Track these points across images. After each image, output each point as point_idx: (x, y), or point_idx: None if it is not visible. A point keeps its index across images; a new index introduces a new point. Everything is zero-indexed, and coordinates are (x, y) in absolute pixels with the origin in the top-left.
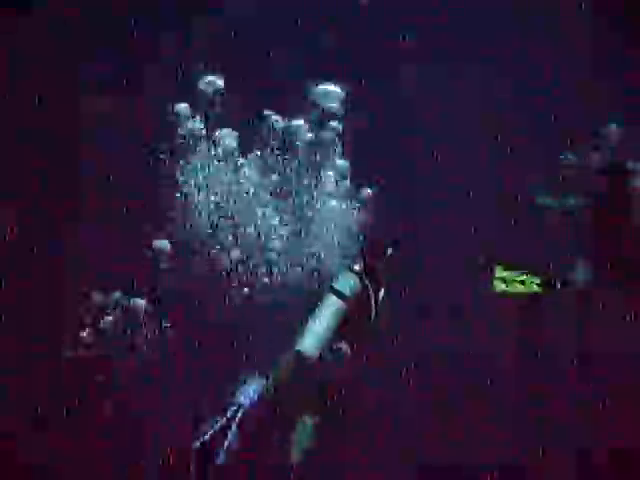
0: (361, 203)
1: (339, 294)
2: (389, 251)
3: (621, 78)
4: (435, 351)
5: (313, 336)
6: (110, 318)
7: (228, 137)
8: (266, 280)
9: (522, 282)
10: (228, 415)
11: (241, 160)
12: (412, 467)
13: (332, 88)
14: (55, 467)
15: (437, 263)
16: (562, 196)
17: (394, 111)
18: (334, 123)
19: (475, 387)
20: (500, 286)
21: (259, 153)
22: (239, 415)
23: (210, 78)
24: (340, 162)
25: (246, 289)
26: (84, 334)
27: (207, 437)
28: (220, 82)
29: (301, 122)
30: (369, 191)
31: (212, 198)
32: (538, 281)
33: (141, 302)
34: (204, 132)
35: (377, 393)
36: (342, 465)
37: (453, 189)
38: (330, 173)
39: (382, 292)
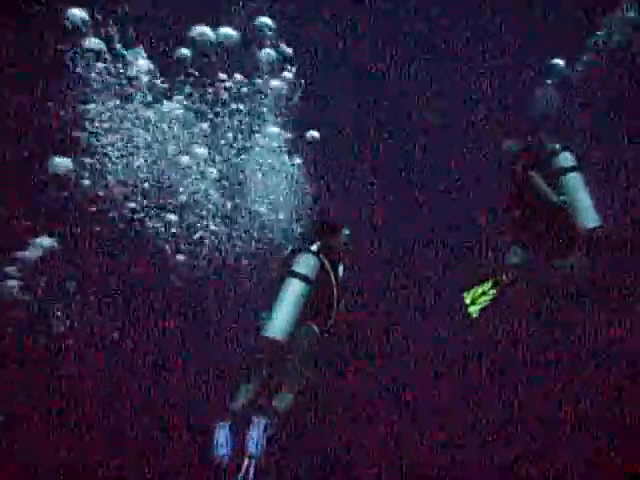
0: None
1: (300, 276)
2: (344, 228)
3: None
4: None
5: (280, 320)
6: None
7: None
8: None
9: (483, 292)
10: (244, 469)
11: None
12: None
13: None
14: None
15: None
16: None
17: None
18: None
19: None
20: (473, 308)
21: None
22: (254, 463)
23: None
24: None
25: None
26: None
27: None
28: None
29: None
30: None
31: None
32: (490, 284)
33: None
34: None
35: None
36: None
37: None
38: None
39: (341, 268)
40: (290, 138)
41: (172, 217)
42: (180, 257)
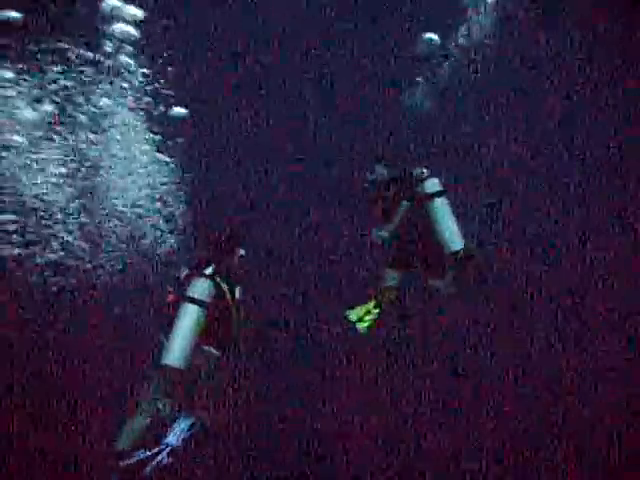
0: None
1: (195, 301)
2: (239, 249)
3: None
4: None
5: (178, 347)
6: None
7: None
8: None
9: (368, 311)
10: (158, 450)
11: None
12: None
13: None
14: None
15: None
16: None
17: None
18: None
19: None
20: (362, 325)
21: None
22: (167, 450)
23: None
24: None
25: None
26: None
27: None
28: None
29: None
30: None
31: None
32: (373, 304)
33: None
34: None
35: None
36: None
37: None
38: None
39: (238, 290)
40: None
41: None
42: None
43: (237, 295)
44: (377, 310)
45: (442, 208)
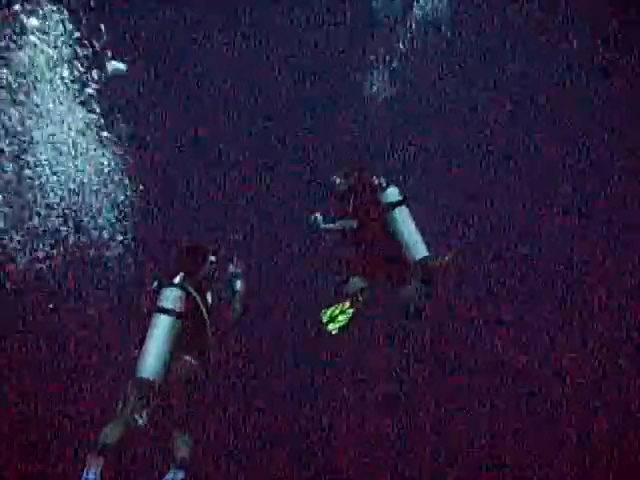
0: None
1: (166, 311)
2: (209, 256)
3: None
4: None
5: (151, 359)
6: None
7: None
8: None
9: (341, 311)
10: None
11: None
12: None
13: None
14: None
15: None
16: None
17: None
18: None
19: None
20: (333, 326)
21: None
22: None
23: None
24: None
25: None
26: None
27: None
28: None
29: None
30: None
31: None
32: (348, 304)
33: None
34: None
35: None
36: None
37: None
38: None
39: (209, 296)
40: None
41: None
42: None
43: (210, 301)
44: (351, 310)
45: (403, 217)
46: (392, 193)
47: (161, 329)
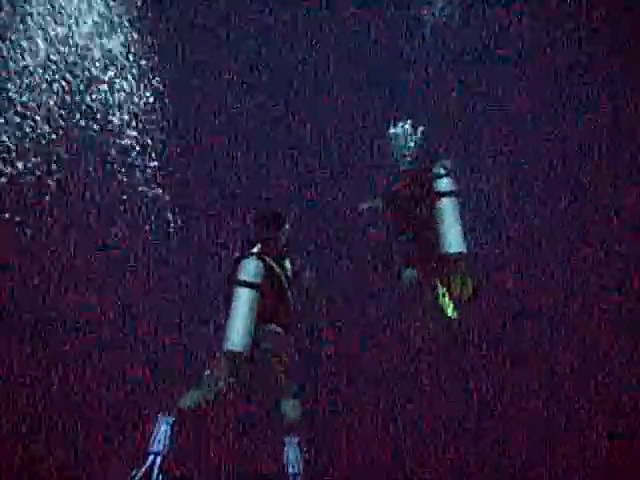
0: None
1: (247, 284)
2: (284, 223)
3: None
4: None
5: (236, 332)
6: None
7: None
8: None
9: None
10: (147, 465)
11: None
12: None
13: None
14: None
15: None
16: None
17: None
18: None
19: None
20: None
21: None
22: (157, 462)
23: None
24: None
25: None
26: None
27: None
28: None
29: None
30: None
31: None
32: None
33: None
34: None
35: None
36: None
37: None
38: None
39: (287, 262)
40: None
41: None
42: None
43: (288, 269)
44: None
45: (448, 208)
46: (446, 183)
47: (243, 302)
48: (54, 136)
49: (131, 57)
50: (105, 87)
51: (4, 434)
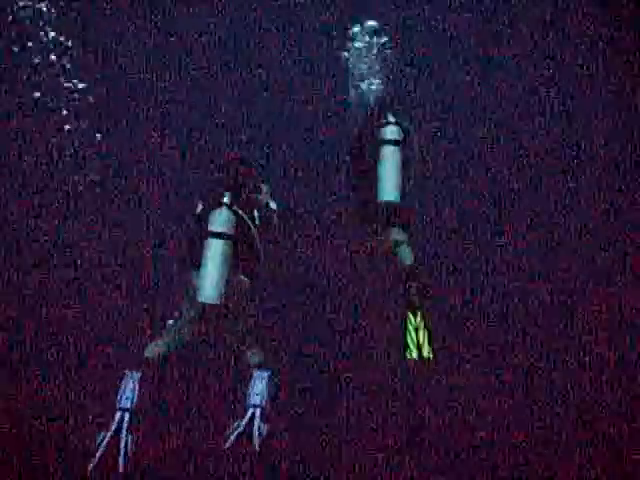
0: None
1: (220, 235)
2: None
3: None
4: None
5: (210, 284)
6: None
7: None
8: None
9: (416, 328)
10: (115, 424)
11: None
12: None
13: None
14: None
15: None
16: None
17: None
18: None
19: None
20: (427, 351)
21: None
22: (126, 419)
23: None
24: None
25: None
26: None
27: (100, 453)
28: None
29: None
30: None
31: None
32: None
33: None
34: None
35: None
36: None
37: None
38: None
39: (256, 213)
40: None
41: None
42: None
43: (257, 217)
44: (419, 318)
45: (389, 155)
46: (391, 131)
47: (216, 253)
48: None
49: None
50: None
51: None
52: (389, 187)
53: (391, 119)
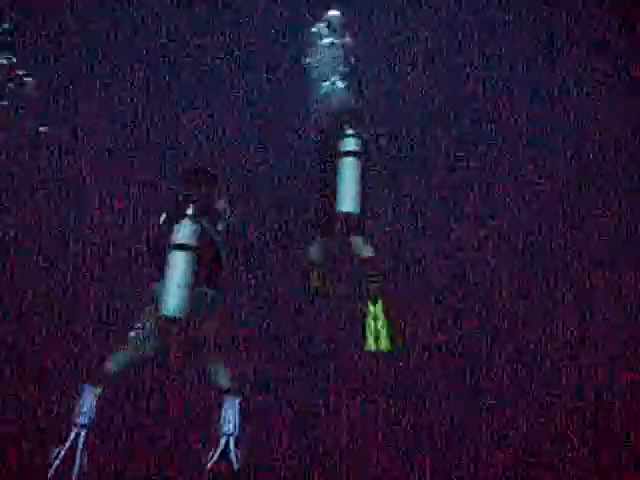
0: None
1: (183, 247)
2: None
3: None
4: None
5: (172, 297)
6: None
7: None
8: None
9: (375, 319)
10: (70, 441)
11: None
12: None
13: None
14: None
15: None
16: None
17: None
18: None
19: None
20: (386, 344)
21: None
22: (82, 435)
23: None
24: None
25: None
26: None
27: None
28: None
29: None
30: None
31: None
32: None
33: None
34: None
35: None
36: None
37: None
38: None
39: (219, 224)
40: None
41: None
42: None
43: (220, 228)
44: (378, 309)
45: (347, 167)
46: (349, 142)
47: (180, 265)
48: None
49: None
50: None
51: None
52: (348, 198)
53: (350, 131)
